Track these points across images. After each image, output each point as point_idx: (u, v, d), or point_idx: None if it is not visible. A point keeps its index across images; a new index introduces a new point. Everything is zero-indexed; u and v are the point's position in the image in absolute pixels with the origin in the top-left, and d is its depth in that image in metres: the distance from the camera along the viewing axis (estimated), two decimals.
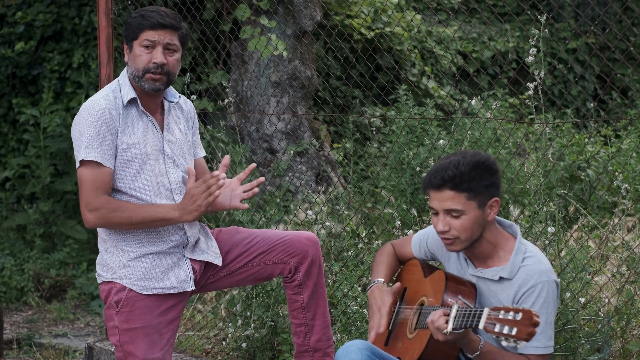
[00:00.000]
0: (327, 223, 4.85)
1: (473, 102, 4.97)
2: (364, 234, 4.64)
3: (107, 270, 3.25)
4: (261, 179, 3.26)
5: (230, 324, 4.60)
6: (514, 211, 4.29)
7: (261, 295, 4.43)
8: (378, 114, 7.21)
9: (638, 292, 3.66)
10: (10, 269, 7.23)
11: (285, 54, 5.93)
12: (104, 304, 3.29)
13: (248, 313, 4.44)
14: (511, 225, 2.95)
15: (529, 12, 3.86)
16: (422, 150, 5.19)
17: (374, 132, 6.75)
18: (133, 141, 3.17)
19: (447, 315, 2.70)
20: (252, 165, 3.25)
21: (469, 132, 4.84)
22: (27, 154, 8.01)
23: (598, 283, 3.85)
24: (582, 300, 3.62)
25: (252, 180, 4.36)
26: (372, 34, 7.46)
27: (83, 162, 3.12)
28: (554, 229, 3.78)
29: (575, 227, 4.44)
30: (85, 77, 8.03)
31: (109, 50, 4.80)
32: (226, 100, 5.08)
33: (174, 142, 3.29)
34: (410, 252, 3.22)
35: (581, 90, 8.82)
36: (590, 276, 3.75)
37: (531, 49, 3.96)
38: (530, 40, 4.05)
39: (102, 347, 4.76)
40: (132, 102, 3.21)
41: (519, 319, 2.49)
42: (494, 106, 5.02)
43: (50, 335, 6.26)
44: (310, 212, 5.02)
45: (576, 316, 3.60)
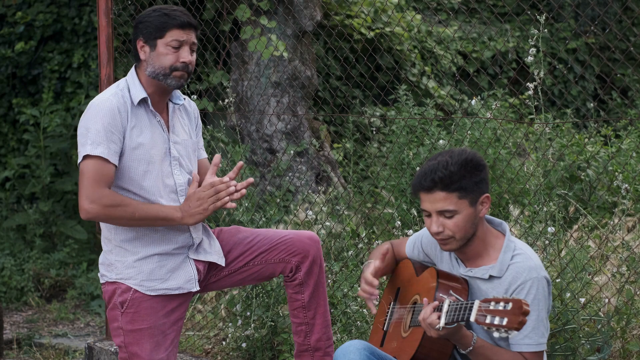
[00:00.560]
0: (327, 223, 4.85)
1: (473, 102, 4.97)
2: (364, 234, 4.64)
3: (112, 270, 3.23)
4: (250, 179, 3.23)
5: (230, 324, 4.60)
6: (514, 211, 4.29)
7: (261, 295, 4.43)
8: (378, 114, 7.21)
9: (638, 292, 3.66)
10: (10, 269, 7.23)
11: (285, 54, 5.93)
12: (107, 304, 3.27)
13: (248, 313, 4.44)
14: (501, 223, 2.96)
15: (529, 12, 3.86)
16: (422, 150, 5.19)
17: (374, 132, 6.74)
18: (141, 141, 3.16)
19: (438, 310, 2.70)
20: (240, 164, 3.22)
21: (469, 132, 4.84)
22: (27, 154, 8.00)
23: (598, 283, 3.85)
24: (582, 300, 3.62)
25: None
26: (372, 34, 7.46)
27: (87, 157, 3.08)
28: (554, 229, 3.78)
29: (575, 227, 4.44)
30: (85, 77, 8.03)
31: (109, 50, 4.80)
32: (226, 100, 5.08)
33: (180, 144, 3.28)
34: (404, 252, 3.23)
35: (581, 90, 8.82)
36: (590, 276, 3.75)
37: (531, 49, 3.96)
38: (530, 40, 4.05)
39: (102, 347, 4.76)
40: (142, 101, 3.20)
41: (509, 308, 2.50)
42: (494, 106, 5.02)
43: (50, 335, 6.26)
44: (310, 212, 5.02)
45: (576, 316, 3.60)
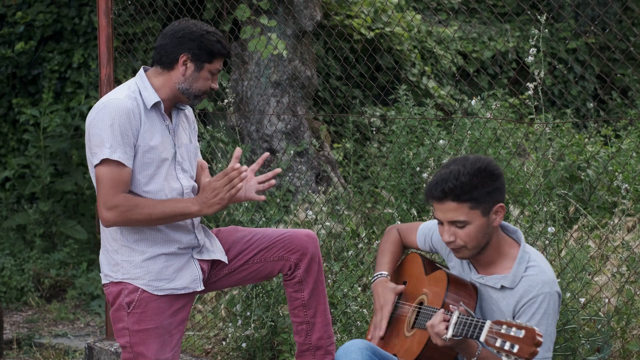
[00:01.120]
0: (327, 223, 4.85)
1: (473, 102, 4.97)
2: (364, 234, 4.64)
3: (118, 270, 3.22)
4: (277, 169, 3.25)
5: (230, 324, 4.60)
6: (514, 211, 4.29)
7: (261, 295, 4.43)
8: (378, 114, 7.21)
9: (638, 292, 3.66)
10: (10, 269, 7.23)
11: (285, 53, 5.93)
12: (112, 305, 3.26)
13: (248, 313, 4.44)
14: (516, 231, 2.91)
15: (529, 12, 3.86)
16: (422, 150, 5.19)
17: (374, 132, 6.74)
18: (154, 144, 3.17)
19: (447, 321, 2.67)
20: (266, 155, 3.25)
21: (469, 132, 4.84)
22: (27, 154, 8.00)
23: (598, 283, 3.85)
24: (582, 300, 3.62)
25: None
26: (372, 34, 7.46)
27: (105, 161, 3.07)
28: (554, 229, 3.78)
29: (575, 227, 4.44)
30: (85, 77, 8.03)
31: (109, 50, 4.80)
32: (226, 100, 5.08)
33: (183, 148, 3.30)
34: (415, 241, 3.20)
35: (581, 90, 8.82)
36: (590, 276, 3.75)
37: (531, 49, 3.96)
38: (530, 40, 4.05)
39: (102, 347, 4.76)
40: (154, 105, 3.20)
41: (521, 336, 2.44)
42: (494, 106, 5.02)
43: (50, 335, 6.26)
44: (310, 212, 5.02)
45: (576, 316, 3.60)
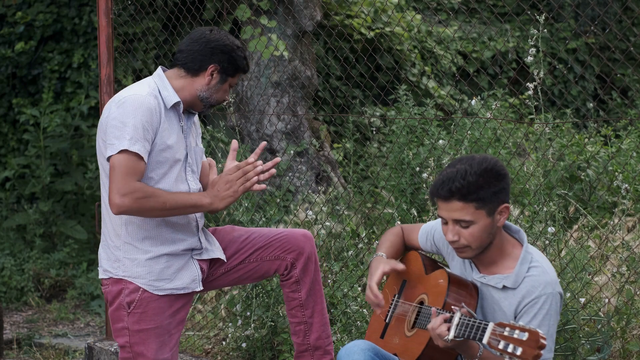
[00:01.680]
0: (327, 223, 4.84)
1: (473, 102, 4.97)
2: (364, 234, 4.64)
3: (118, 267, 3.21)
4: (277, 159, 3.26)
5: (230, 324, 4.60)
6: (514, 211, 4.29)
7: (261, 295, 4.43)
8: (378, 114, 7.21)
9: (638, 292, 3.66)
10: (10, 269, 7.23)
11: (285, 54, 5.93)
12: (111, 304, 3.25)
13: (248, 313, 4.44)
14: (518, 231, 2.90)
15: (529, 12, 3.86)
16: (422, 150, 5.19)
17: (374, 132, 6.74)
18: (170, 143, 3.18)
19: (448, 322, 2.67)
20: (263, 144, 3.26)
21: (469, 132, 4.84)
22: (27, 154, 8.00)
23: (598, 283, 3.85)
24: (582, 300, 3.62)
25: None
26: (372, 34, 7.46)
27: (122, 152, 3.05)
28: (554, 229, 3.78)
29: (575, 227, 4.44)
30: (85, 77, 8.04)
31: (109, 50, 4.80)
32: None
33: (192, 150, 3.32)
34: (417, 240, 3.19)
35: (581, 90, 8.82)
36: (590, 276, 3.75)
37: (531, 49, 3.96)
38: (530, 40, 4.05)
39: (102, 347, 4.76)
40: (174, 106, 3.22)
41: (524, 339, 2.42)
42: (494, 106, 5.01)
43: (50, 335, 6.26)
44: (310, 212, 5.02)
45: (576, 316, 3.60)
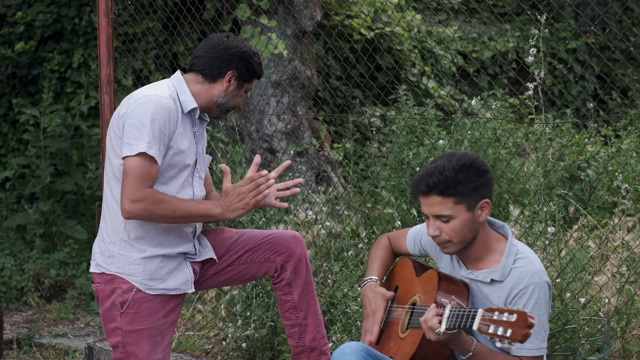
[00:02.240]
0: (327, 223, 4.84)
1: (473, 102, 4.97)
2: (364, 234, 4.64)
3: (112, 263, 3.21)
4: (299, 179, 3.30)
5: (230, 324, 4.60)
6: (514, 211, 4.29)
7: (261, 295, 4.43)
8: (378, 114, 7.20)
9: (638, 292, 3.66)
10: (10, 269, 7.22)
11: (285, 53, 5.93)
12: (102, 302, 3.24)
13: (248, 313, 4.44)
14: (503, 226, 2.93)
15: (529, 12, 3.86)
16: (422, 150, 5.18)
17: (374, 132, 6.74)
18: (183, 148, 3.19)
19: (440, 315, 2.68)
20: (287, 163, 3.30)
21: (469, 132, 4.84)
22: (27, 154, 8.00)
23: (598, 283, 3.85)
24: (582, 300, 3.62)
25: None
26: (372, 34, 7.46)
27: (139, 155, 3.06)
28: (554, 229, 3.78)
29: (575, 227, 4.44)
30: (85, 77, 8.03)
31: (109, 50, 4.80)
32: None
33: (201, 157, 3.34)
34: (405, 246, 3.21)
35: (581, 90, 8.82)
36: (590, 276, 3.75)
37: (531, 49, 3.96)
38: (530, 40, 4.05)
39: (102, 347, 4.76)
40: (190, 111, 3.24)
41: (513, 320, 2.47)
42: (494, 106, 5.02)
43: (50, 335, 6.26)
44: (310, 212, 5.02)
45: (576, 316, 3.60)
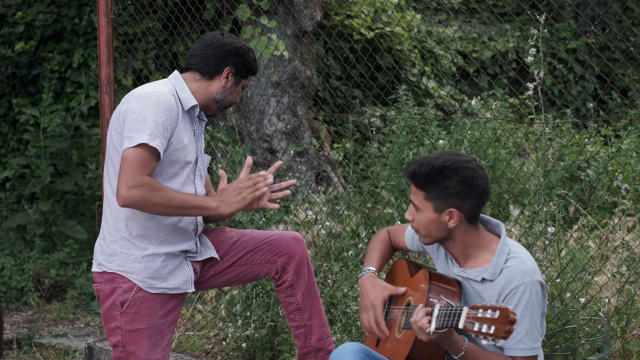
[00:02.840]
0: (327, 223, 4.84)
1: (473, 102, 4.97)
2: (364, 234, 4.64)
3: (113, 261, 3.21)
4: (292, 181, 3.30)
5: (230, 324, 4.60)
6: (514, 211, 4.29)
7: (261, 295, 4.43)
8: (378, 114, 7.20)
9: (638, 292, 3.66)
10: (10, 269, 7.22)
11: (285, 54, 5.93)
12: (102, 302, 3.24)
13: (248, 313, 4.44)
14: (498, 224, 2.92)
15: (529, 12, 3.86)
16: (422, 150, 5.18)
17: (374, 132, 6.74)
18: (185, 143, 3.20)
19: (429, 314, 2.69)
20: (279, 163, 3.30)
21: (469, 132, 4.84)
22: (27, 154, 8.00)
23: (598, 283, 3.85)
24: (582, 300, 3.62)
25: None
26: (372, 34, 7.46)
27: (140, 145, 3.06)
28: (554, 229, 3.78)
29: (575, 227, 4.44)
30: (85, 77, 8.03)
31: (109, 50, 4.80)
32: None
33: (201, 155, 3.35)
34: (404, 241, 3.21)
35: (581, 90, 8.82)
36: (590, 276, 3.75)
37: (531, 49, 3.96)
38: (530, 40, 4.05)
39: (102, 347, 4.76)
40: (190, 108, 3.25)
41: (496, 317, 2.49)
42: (494, 106, 5.02)
43: (50, 335, 6.26)
44: (310, 212, 5.02)
45: (576, 316, 3.60)
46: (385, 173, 5.48)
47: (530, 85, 3.93)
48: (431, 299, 2.80)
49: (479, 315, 2.53)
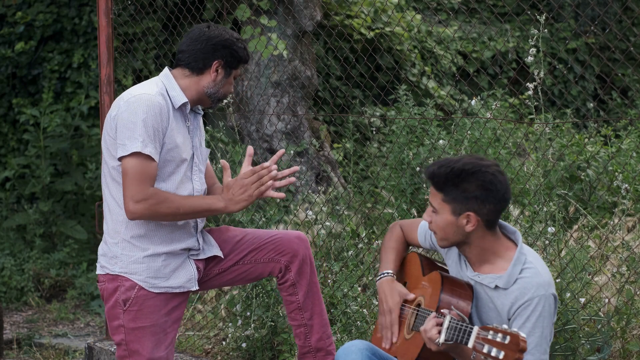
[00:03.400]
0: (327, 223, 4.84)
1: (473, 102, 4.97)
2: (364, 234, 4.64)
3: (116, 263, 3.22)
4: (295, 167, 3.27)
5: (230, 324, 4.60)
6: (514, 211, 4.29)
7: (261, 295, 4.43)
8: (378, 114, 7.20)
9: (638, 292, 3.67)
10: (10, 269, 7.23)
11: (285, 53, 5.93)
12: (107, 301, 3.26)
13: (248, 313, 4.44)
14: (515, 232, 2.90)
15: (529, 12, 3.86)
16: (422, 150, 5.18)
17: (374, 132, 6.74)
18: (178, 142, 3.20)
19: (440, 324, 2.68)
20: (281, 152, 3.28)
21: (469, 132, 4.84)
22: (27, 154, 8.00)
23: (598, 283, 3.85)
24: (582, 300, 3.62)
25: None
26: (372, 34, 7.46)
27: (135, 154, 3.08)
28: (554, 229, 3.78)
29: (575, 227, 4.44)
30: (85, 77, 8.03)
31: (109, 50, 4.80)
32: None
33: (199, 150, 3.34)
34: (417, 238, 3.21)
35: (581, 90, 8.82)
36: (590, 276, 3.75)
37: (531, 49, 3.96)
38: (530, 40, 4.05)
39: (102, 347, 4.76)
40: (181, 106, 3.24)
41: (506, 342, 2.46)
42: (494, 106, 5.02)
43: (50, 335, 6.26)
44: (310, 212, 5.02)
45: (576, 316, 3.60)
46: (385, 173, 5.48)
47: (530, 85, 3.93)
48: (442, 309, 2.78)
49: (489, 337, 2.50)
